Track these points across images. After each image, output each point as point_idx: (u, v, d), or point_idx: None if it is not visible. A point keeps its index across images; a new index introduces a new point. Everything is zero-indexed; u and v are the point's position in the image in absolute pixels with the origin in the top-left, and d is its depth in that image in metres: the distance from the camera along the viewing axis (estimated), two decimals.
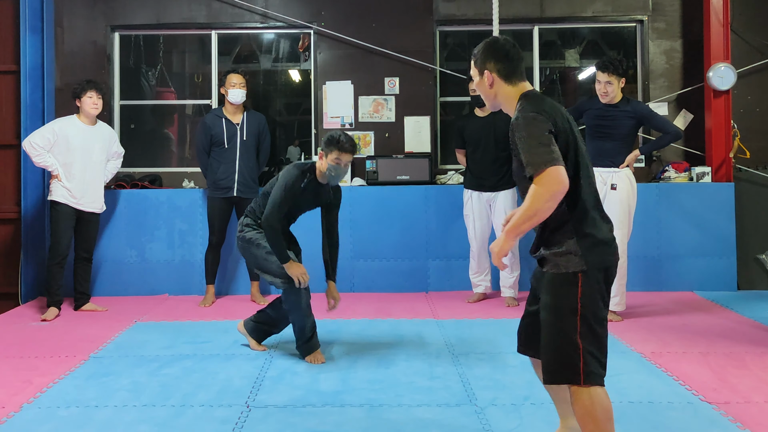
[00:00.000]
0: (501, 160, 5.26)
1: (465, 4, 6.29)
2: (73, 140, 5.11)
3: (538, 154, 2.18)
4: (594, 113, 4.81)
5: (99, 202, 5.27)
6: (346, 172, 3.94)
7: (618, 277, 4.71)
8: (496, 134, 5.24)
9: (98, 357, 4.02)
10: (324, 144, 3.88)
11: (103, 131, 5.33)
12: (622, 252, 4.71)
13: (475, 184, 5.34)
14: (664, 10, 6.29)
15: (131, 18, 6.30)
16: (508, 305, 5.28)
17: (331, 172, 3.87)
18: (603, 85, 4.72)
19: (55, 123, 5.18)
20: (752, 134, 6.04)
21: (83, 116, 5.20)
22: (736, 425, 2.90)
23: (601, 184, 4.73)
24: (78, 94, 5.16)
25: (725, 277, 5.77)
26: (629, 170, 4.77)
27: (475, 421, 2.98)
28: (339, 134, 3.86)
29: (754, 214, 5.97)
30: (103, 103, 5.26)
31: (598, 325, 2.24)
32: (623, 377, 3.53)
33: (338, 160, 3.83)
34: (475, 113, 5.42)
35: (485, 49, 2.44)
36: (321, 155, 3.89)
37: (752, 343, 4.15)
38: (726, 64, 5.84)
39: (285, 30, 6.46)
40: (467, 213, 5.40)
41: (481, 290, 5.46)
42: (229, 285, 5.88)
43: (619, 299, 4.78)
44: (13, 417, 3.08)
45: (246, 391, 3.39)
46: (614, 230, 4.74)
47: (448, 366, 3.74)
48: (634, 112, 4.71)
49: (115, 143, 5.44)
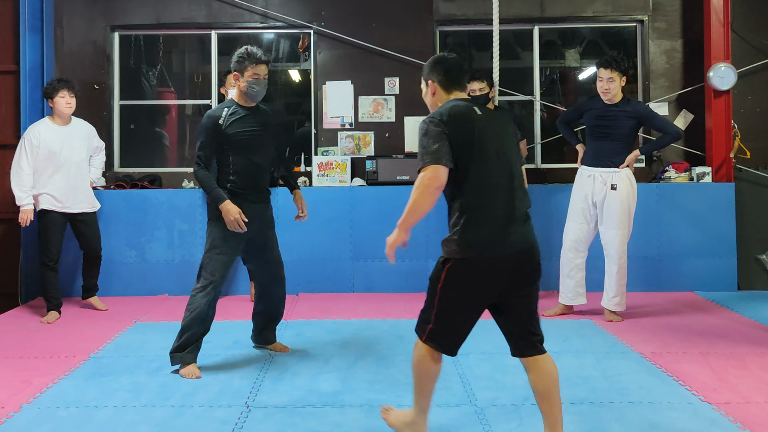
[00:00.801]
0: None
1: (465, 4, 6.29)
2: (52, 145, 4.96)
3: (421, 153, 2.52)
4: (594, 113, 4.81)
5: (88, 201, 5.17)
6: (266, 86, 3.76)
7: (618, 277, 4.72)
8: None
9: (98, 357, 4.01)
10: (236, 64, 3.71)
11: (80, 128, 5.17)
12: (622, 252, 4.72)
13: None
14: (665, 9, 6.29)
15: (131, 18, 6.30)
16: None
17: (252, 88, 3.70)
18: (605, 82, 4.71)
19: (30, 134, 4.98)
20: (752, 134, 6.04)
21: (57, 117, 5.04)
22: (736, 425, 2.90)
23: (601, 184, 4.73)
24: (50, 95, 4.99)
25: (725, 277, 5.77)
26: (629, 170, 4.76)
27: (475, 421, 2.98)
28: (246, 49, 3.70)
29: (754, 214, 5.97)
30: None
31: (457, 305, 2.53)
32: (623, 377, 3.53)
33: (256, 75, 3.69)
34: None
35: (431, 64, 2.74)
36: (236, 76, 3.73)
37: (752, 344, 4.14)
38: (726, 64, 5.84)
39: (285, 30, 6.46)
40: None
41: None
42: (229, 285, 5.87)
43: (620, 299, 4.78)
44: (12, 417, 3.08)
45: (246, 391, 3.39)
46: (613, 230, 4.72)
47: (448, 366, 3.74)
48: (635, 112, 4.71)
49: (95, 138, 5.31)
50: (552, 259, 5.87)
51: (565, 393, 3.31)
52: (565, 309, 5.03)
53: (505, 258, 2.51)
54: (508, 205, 2.55)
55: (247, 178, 3.76)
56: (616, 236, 4.70)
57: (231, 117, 3.72)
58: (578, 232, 4.87)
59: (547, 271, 5.81)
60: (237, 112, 3.75)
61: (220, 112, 3.73)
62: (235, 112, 3.75)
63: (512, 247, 2.52)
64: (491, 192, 2.54)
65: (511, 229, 2.53)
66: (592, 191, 4.77)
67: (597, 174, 4.77)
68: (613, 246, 4.72)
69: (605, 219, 4.74)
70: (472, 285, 2.52)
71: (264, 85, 3.74)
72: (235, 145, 3.72)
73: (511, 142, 2.66)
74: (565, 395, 3.28)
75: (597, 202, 4.77)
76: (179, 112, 6.81)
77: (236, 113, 3.74)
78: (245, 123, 3.75)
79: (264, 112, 3.88)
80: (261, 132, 3.81)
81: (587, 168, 4.84)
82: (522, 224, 2.57)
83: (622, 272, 4.74)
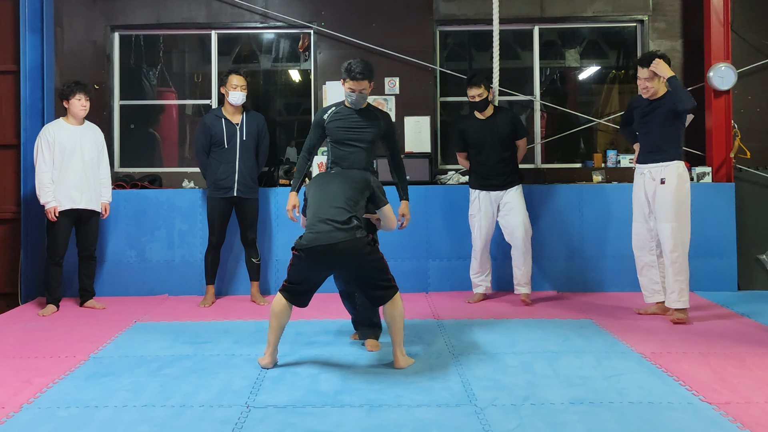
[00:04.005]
0: (506, 159, 5.28)
1: (465, 4, 6.29)
2: (66, 144, 5.15)
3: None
4: (639, 111, 4.79)
5: (95, 199, 5.29)
6: (365, 97, 4.13)
7: (672, 272, 4.61)
8: (499, 135, 5.26)
9: (98, 357, 4.01)
10: (342, 72, 4.11)
11: (92, 130, 5.38)
12: (674, 246, 4.57)
13: (482, 184, 5.33)
14: (665, 10, 6.29)
15: (131, 18, 6.31)
16: (527, 304, 5.28)
17: (349, 98, 4.12)
18: (642, 81, 4.70)
19: (45, 133, 5.18)
20: (753, 134, 6.04)
21: (71, 118, 5.25)
22: (736, 426, 2.90)
23: (651, 180, 4.69)
24: (66, 96, 5.19)
25: (725, 277, 5.77)
26: (680, 164, 4.65)
27: (475, 422, 2.98)
28: (350, 62, 4.09)
29: (754, 214, 5.97)
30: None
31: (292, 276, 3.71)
32: (623, 377, 3.53)
33: (351, 89, 4.06)
34: (474, 115, 5.42)
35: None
36: (343, 82, 4.12)
37: (752, 344, 4.14)
38: (726, 64, 5.84)
39: (285, 30, 6.46)
40: (473, 213, 5.39)
41: (482, 290, 5.46)
42: (228, 285, 5.87)
43: (677, 295, 4.62)
44: (12, 417, 3.08)
45: (246, 391, 3.39)
46: (663, 223, 4.73)
47: (448, 366, 3.74)
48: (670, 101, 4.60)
49: (102, 141, 5.44)
50: (551, 259, 5.89)
51: (565, 393, 3.32)
52: (659, 309, 4.86)
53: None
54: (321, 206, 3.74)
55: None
56: (666, 229, 4.60)
57: (339, 113, 4.22)
58: (640, 230, 4.84)
59: (545, 271, 5.83)
60: (343, 110, 4.21)
61: (327, 111, 4.27)
62: (341, 109, 4.22)
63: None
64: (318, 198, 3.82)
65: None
66: (644, 188, 4.74)
67: (647, 170, 4.73)
68: (665, 240, 4.62)
69: (657, 214, 4.68)
70: (307, 265, 3.66)
71: (362, 97, 4.11)
72: (332, 138, 4.25)
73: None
74: (565, 395, 3.29)
75: (650, 198, 4.73)
76: (179, 112, 6.81)
77: (342, 111, 4.21)
78: (350, 121, 4.19)
79: (371, 115, 4.21)
80: (362, 129, 4.20)
81: (639, 165, 4.82)
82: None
83: (677, 267, 4.60)
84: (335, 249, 3.57)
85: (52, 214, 5.10)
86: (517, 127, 5.33)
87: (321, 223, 3.63)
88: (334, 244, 3.56)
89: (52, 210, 5.10)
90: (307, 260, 3.61)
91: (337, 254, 3.58)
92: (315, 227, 3.63)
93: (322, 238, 3.57)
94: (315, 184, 3.89)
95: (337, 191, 3.76)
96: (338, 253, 3.58)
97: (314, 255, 3.58)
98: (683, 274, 4.63)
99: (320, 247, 3.56)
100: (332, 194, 3.75)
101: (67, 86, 5.25)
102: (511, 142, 5.32)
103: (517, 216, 5.26)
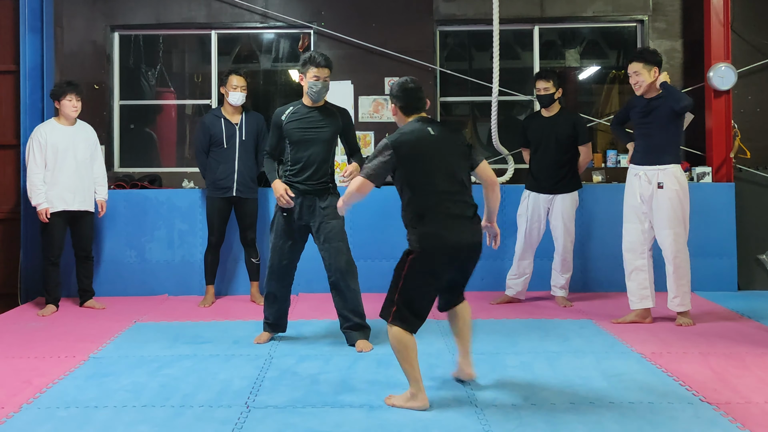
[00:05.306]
0: (560, 162, 5.16)
1: (465, 4, 6.29)
2: (59, 144, 5.13)
3: (367, 161, 3.33)
4: (638, 111, 4.69)
5: (88, 200, 5.27)
6: (327, 87, 4.16)
7: (675, 277, 4.57)
8: (558, 135, 5.14)
9: (98, 357, 4.01)
10: (300, 66, 4.14)
11: (85, 129, 5.36)
12: (677, 252, 4.53)
13: (534, 185, 5.26)
14: (665, 10, 6.29)
15: (131, 18, 6.30)
16: (563, 306, 5.23)
17: (312, 89, 4.09)
18: (632, 76, 4.65)
19: (37, 134, 5.15)
20: (753, 134, 6.03)
21: (63, 118, 5.22)
22: (736, 426, 2.90)
23: (647, 183, 4.59)
24: (58, 97, 5.17)
25: (725, 277, 5.77)
26: (677, 168, 4.58)
27: (475, 422, 2.98)
28: (310, 53, 4.17)
29: (754, 214, 5.97)
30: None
31: (415, 292, 3.15)
32: (623, 377, 3.53)
33: (316, 77, 4.08)
34: (540, 112, 5.34)
35: (395, 89, 3.39)
36: (301, 78, 4.14)
37: (752, 344, 4.14)
38: (726, 64, 5.83)
39: (285, 30, 6.46)
40: (521, 212, 5.31)
41: (511, 294, 5.35)
42: (228, 285, 5.87)
43: (680, 300, 4.58)
44: (12, 417, 3.08)
45: (246, 391, 3.39)
46: (664, 230, 4.70)
47: (448, 366, 3.74)
48: (670, 101, 4.52)
49: (96, 141, 5.43)
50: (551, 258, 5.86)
51: (565, 393, 3.32)
52: (637, 316, 4.70)
53: (452, 248, 3.12)
54: (449, 212, 3.15)
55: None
56: (668, 236, 4.53)
57: (297, 112, 4.21)
58: (633, 233, 4.70)
59: (545, 271, 5.83)
60: (301, 108, 4.20)
61: (285, 110, 4.21)
62: (300, 107, 4.21)
63: (457, 240, 3.12)
64: (439, 202, 3.17)
65: (456, 225, 3.14)
66: (640, 190, 4.64)
67: (642, 172, 4.63)
68: (667, 246, 4.56)
69: (656, 219, 4.59)
70: (430, 272, 3.15)
71: (325, 87, 4.13)
72: (293, 138, 4.20)
73: (458, 156, 3.26)
74: (565, 395, 3.29)
75: (646, 201, 4.63)
76: (179, 112, 6.81)
77: (301, 110, 4.20)
78: (310, 120, 4.18)
79: (329, 112, 4.24)
80: (321, 127, 4.19)
81: (634, 166, 4.71)
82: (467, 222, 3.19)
83: (679, 272, 4.56)
84: (476, 247, 3.21)
85: (44, 216, 5.08)
86: (578, 130, 5.16)
87: (453, 216, 3.14)
88: (479, 242, 3.21)
89: (44, 212, 5.08)
90: (442, 264, 3.13)
91: (473, 253, 3.22)
92: (448, 222, 3.12)
93: (465, 234, 3.14)
94: (415, 148, 3.22)
95: (453, 164, 3.24)
96: (474, 253, 3.22)
97: (458, 254, 3.14)
98: (686, 278, 4.60)
99: (465, 245, 3.15)
100: (449, 171, 3.21)
101: (58, 86, 5.23)
102: (570, 146, 5.16)
103: (559, 223, 5.17)
